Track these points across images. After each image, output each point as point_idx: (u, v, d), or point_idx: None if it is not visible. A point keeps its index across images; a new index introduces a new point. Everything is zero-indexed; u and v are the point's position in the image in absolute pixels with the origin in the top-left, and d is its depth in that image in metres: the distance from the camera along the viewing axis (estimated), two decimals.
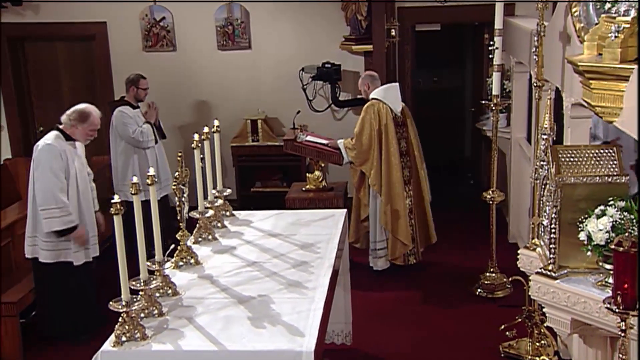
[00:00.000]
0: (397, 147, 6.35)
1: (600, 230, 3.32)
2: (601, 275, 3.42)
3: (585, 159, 3.56)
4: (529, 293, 3.78)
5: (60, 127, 5.36)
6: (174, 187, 3.80)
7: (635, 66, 3.01)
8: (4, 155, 8.16)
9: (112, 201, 3.08)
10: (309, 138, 6.71)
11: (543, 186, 3.84)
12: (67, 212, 5.19)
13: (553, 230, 3.54)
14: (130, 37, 8.22)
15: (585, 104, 3.58)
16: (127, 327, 3.17)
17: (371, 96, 6.44)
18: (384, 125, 6.29)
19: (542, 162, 3.83)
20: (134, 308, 3.19)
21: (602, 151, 3.57)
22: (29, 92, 8.65)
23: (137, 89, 6.96)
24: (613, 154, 3.55)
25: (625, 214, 3.32)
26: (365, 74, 6.72)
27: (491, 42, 5.89)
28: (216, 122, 4.49)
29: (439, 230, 6.74)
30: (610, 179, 3.49)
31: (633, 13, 3.13)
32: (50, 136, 5.30)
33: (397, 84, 6.67)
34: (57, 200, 5.15)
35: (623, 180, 3.49)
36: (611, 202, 3.38)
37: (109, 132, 7.03)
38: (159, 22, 8.16)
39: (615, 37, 3.12)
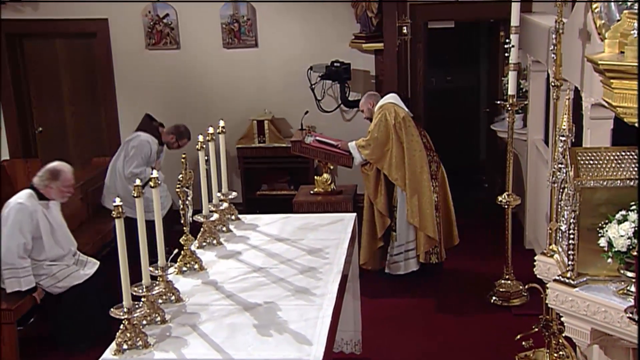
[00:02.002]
0: (420, 140, 6.35)
1: (622, 236, 3.29)
2: (622, 283, 3.40)
3: (605, 161, 3.54)
4: (547, 301, 3.76)
5: (34, 186, 5.43)
6: (178, 189, 3.81)
7: None
8: (2, 156, 8.20)
9: (114, 204, 3.09)
10: (317, 139, 6.71)
11: (561, 190, 3.82)
12: (29, 273, 5.31)
13: (572, 236, 3.53)
14: (133, 35, 8.25)
15: (605, 105, 3.57)
16: (128, 334, 3.18)
17: (378, 105, 6.45)
18: (401, 119, 6.28)
19: (560, 165, 3.82)
20: (135, 315, 3.19)
21: (623, 153, 3.55)
22: (28, 91, 8.68)
23: (177, 142, 7.04)
24: (635, 157, 3.53)
25: None
26: (366, 94, 6.75)
27: (507, 40, 5.88)
28: (221, 123, 4.49)
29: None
30: (632, 183, 3.46)
31: None
32: (23, 195, 5.39)
33: (395, 94, 6.67)
34: (20, 262, 5.26)
35: None
36: (633, 207, 3.36)
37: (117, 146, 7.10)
38: (162, 19, 8.19)
39: (638, 34, 3.11)
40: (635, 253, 2.89)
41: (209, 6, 8.08)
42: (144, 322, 3.34)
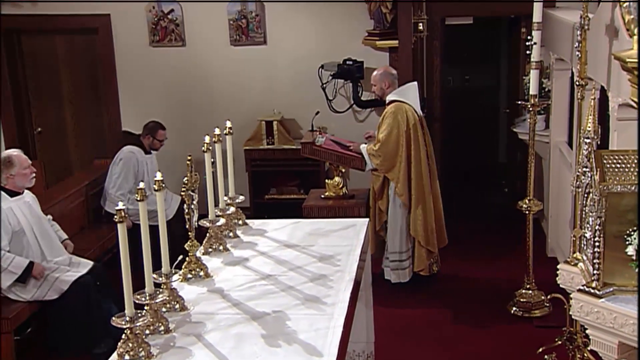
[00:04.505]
0: (425, 152, 6.43)
1: None
2: None
3: (633, 165, 3.52)
4: (570, 313, 3.74)
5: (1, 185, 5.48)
6: (183, 193, 3.82)
7: None
8: None
9: (117, 208, 3.09)
10: (328, 141, 6.71)
11: (586, 195, 3.80)
12: (11, 258, 5.36)
13: (597, 244, 3.51)
14: (136, 31, 8.29)
15: (634, 105, 3.55)
16: (130, 344, 3.18)
17: (392, 97, 6.46)
18: (412, 127, 6.33)
19: (584, 169, 3.80)
20: (138, 324, 3.19)
21: None
22: (26, 90, 8.72)
23: (154, 139, 7.18)
24: None
25: None
26: (385, 70, 6.71)
27: (529, 37, 5.86)
28: (228, 124, 4.50)
29: (469, 243, 6.74)
30: None
31: None
32: None
33: (416, 83, 6.71)
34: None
35: None
36: None
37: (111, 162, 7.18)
38: (167, 14, 8.22)
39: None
40: None
41: (216, 1, 8.10)
42: (147, 331, 3.34)
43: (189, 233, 3.92)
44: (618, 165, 3.52)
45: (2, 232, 5.32)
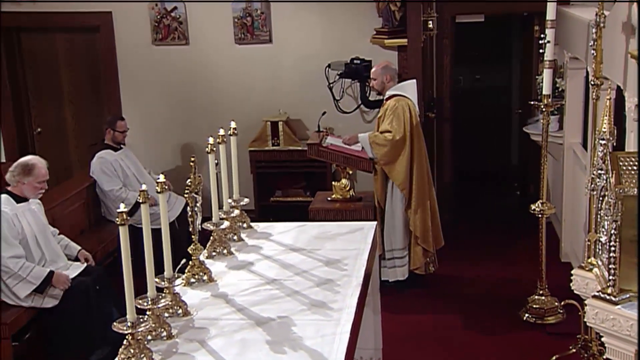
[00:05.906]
0: (425, 148, 6.48)
1: None
2: None
3: None
4: (585, 319, 3.73)
5: (8, 188, 5.47)
6: (186, 195, 3.82)
7: None
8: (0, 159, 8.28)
9: (118, 210, 3.09)
10: (335, 142, 6.71)
11: (601, 198, 3.79)
12: (31, 267, 5.35)
13: (612, 248, 3.49)
14: (139, 29, 8.30)
15: None
16: (132, 350, 3.18)
17: (393, 92, 6.48)
18: (415, 124, 6.35)
19: (599, 171, 3.79)
20: (140, 329, 3.20)
21: None
22: (26, 89, 8.75)
23: (114, 131, 7.10)
24: None
25: None
26: (386, 64, 6.73)
27: (542, 35, 5.86)
28: (233, 124, 4.50)
29: (480, 247, 6.73)
30: None
31: None
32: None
33: (415, 80, 6.76)
34: (13, 267, 5.30)
35: None
36: None
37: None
38: (170, 12, 8.23)
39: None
40: None
41: (220, 0, 8.11)
42: (149, 337, 3.35)
43: (192, 236, 3.93)
44: (634, 168, 3.51)
45: (10, 240, 5.31)
